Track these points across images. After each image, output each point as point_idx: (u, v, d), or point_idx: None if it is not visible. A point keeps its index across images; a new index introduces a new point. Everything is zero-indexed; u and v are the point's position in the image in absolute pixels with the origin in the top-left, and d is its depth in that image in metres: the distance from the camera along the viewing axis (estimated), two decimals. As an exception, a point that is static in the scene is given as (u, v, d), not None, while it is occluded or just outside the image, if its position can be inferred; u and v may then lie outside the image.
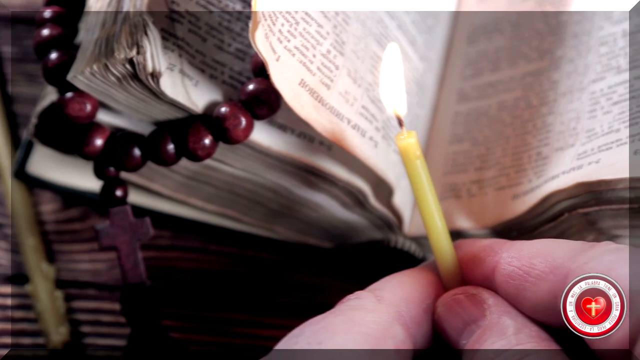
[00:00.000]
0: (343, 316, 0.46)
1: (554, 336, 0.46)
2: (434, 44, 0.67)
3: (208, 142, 0.55)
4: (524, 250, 0.47)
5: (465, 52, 0.68)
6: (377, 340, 0.45)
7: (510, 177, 0.60)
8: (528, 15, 0.67)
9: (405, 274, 0.50)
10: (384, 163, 0.57)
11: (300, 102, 0.52)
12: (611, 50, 0.60)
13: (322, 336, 0.45)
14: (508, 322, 0.46)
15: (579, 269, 0.44)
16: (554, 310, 0.45)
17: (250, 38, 0.49)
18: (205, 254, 0.66)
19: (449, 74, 0.68)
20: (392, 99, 0.51)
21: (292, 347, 0.45)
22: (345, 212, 0.62)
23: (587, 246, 0.45)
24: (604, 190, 0.53)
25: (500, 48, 0.67)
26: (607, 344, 0.42)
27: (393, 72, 0.51)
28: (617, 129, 0.55)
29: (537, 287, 0.45)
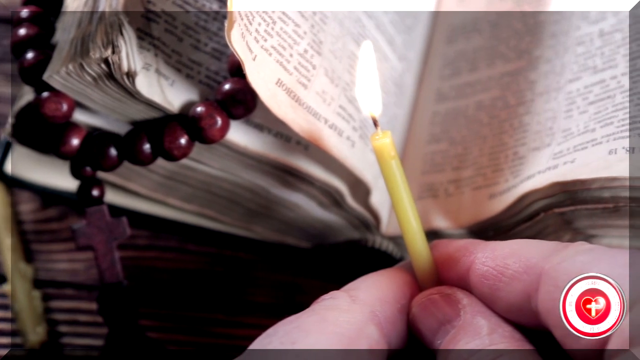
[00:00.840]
0: (317, 316, 0.46)
1: (528, 336, 0.45)
2: (413, 43, 0.67)
3: (184, 142, 0.55)
4: (498, 250, 0.47)
5: (444, 51, 0.68)
6: (351, 340, 0.45)
7: (487, 177, 0.60)
8: (506, 15, 0.66)
9: (381, 274, 0.50)
10: (361, 163, 0.57)
11: (277, 102, 0.52)
12: (588, 50, 0.59)
13: (296, 336, 0.44)
14: (482, 322, 0.45)
15: (552, 269, 0.43)
16: (528, 310, 0.44)
17: (227, 37, 0.49)
18: (183, 253, 0.65)
19: (427, 73, 0.68)
20: (367, 99, 0.51)
21: (265, 346, 0.45)
22: (323, 211, 0.61)
23: (560, 246, 0.45)
24: (580, 190, 0.53)
25: (479, 48, 0.66)
26: (579, 345, 0.42)
27: (367, 71, 0.51)
28: (592, 128, 0.55)
29: (510, 287, 0.45)
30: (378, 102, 0.51)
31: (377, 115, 0.50)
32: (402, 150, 0.64)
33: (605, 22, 0.60)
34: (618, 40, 0.58)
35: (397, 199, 0.49)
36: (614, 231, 0.55)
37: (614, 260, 0.42)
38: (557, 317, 0.43)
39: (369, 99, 0.51)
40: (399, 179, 0.49)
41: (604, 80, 0.57)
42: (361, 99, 0.51)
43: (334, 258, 0.64)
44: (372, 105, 0.50)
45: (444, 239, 0.52)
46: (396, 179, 0.49)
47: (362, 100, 0.51)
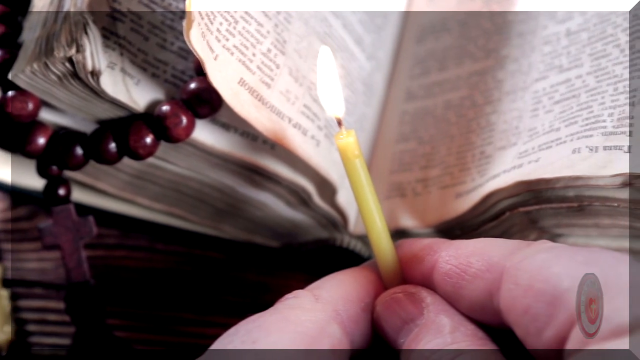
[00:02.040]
0: (278, 315, 0.45)
1: (493, 335, 0.45)
2: (382, 43, 0.67)
3: (149, 141, 0.54)
4: (461, 249, 0.46)
5: (414, 51, 0.68)
6: (312, 339, 0.44)
7: (454, 176, 0.59)
8: (475, 15, 0.66)
9: (345, 273, 0.49)
10: (327, 162, 0.57)
11: (239, 101, 0.52)
12: (554, 49, 0.59)
13: (256, 335, 0.44)
14: (445, 321, 0.45)
15: (513, 267, 0.43)
16: (490, 308, 0.44)
17: (185, 37, 0.48)
18: (152, 252, 0.65)
19: (397, 73, 0.67)
20: (329, 100, 0.50)
21: (226, 346, 0.44)
22: (291, 211, 0.61)
23: (523, 245, 0.44)
24: (544, 189, 0.53)
25: (448, 47, 0.66)
26: (539, 343, 0.42)
27: (327, 74, 0.50)
28: (557, 127, 0.54)
29: (473, 285, 0.45)
30: (341, 103, 0.50)
31: (341, 116, 0.49)
32: (371, 149, 0.64)
33: (572, 22, 0.59)
34: (584, 40, 0.58)
35: (362, 198, 0.49)
36: (579, 230, 0.55)
37: (574, 259, 0.42)
38: (518, 315, 0.42)
39: (331, 99, 0.50)
40: (363, 178, 0.48)
41: (570, 79, 0.56)
42: (324, 100, 0.51)
43: (303, 257, 0.63)
44: (334, 105, 0.50)
45: (409, 238, 0.51)
46: (360, 178, 0.48)
47: (325, 101, 0.50)
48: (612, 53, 0.55)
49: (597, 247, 0.43)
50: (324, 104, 0.50)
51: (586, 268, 0.41)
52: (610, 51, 0.55)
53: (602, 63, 0.55)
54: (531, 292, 0.42)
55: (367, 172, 0.48)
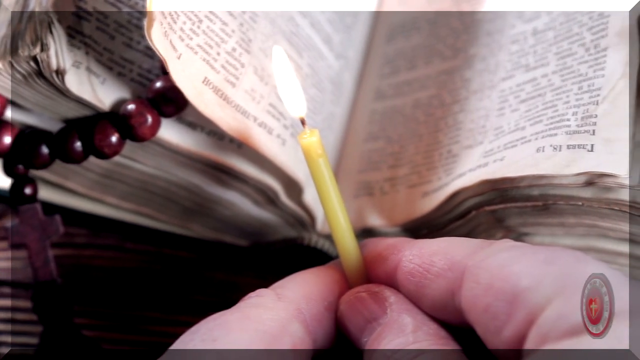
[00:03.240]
0: (240, 313, 0.45)
1: (455, 334, 0.45)
2: (352, 42, 0.66)
3: (115, 140, 0.53)
4: (425, 248, 0.46)
5: (384, 50, 0.67)
6: (273, 338, 0.44)
7: (421, 175, 0.59)
8: (445, 14, 0.65)
9: (309, 272, 0.49)
10: (293, 161, 0.56)
11: (203, 100, 0.51)
12: (521, 48, 0.58)
13: (217, 333, 0.43)
14: (407, 320, 0.45)
15: (474, 266, 0.43)
16: (452, 307, 0.44)
17: (147, 36, 0.47)
18: (121, 252, 0.64)
19: (367, 72, 0.66)
20: (290, 100, 0.50)
21: (187, 344, 0.44)
22: (258, 210, 0.60)
23: (485, 244, 0.44)
24: (509, 188, 0.52)
25: (418, 46, 0.65)
26: (498, 342, 0.41)
27: (285, 74, 0.50)
28: (522, 126, 0.54)
29: (435, 283, 0.44)
30: (302, 102, 0.49)
31: (304, 115, 0.49)
32: (340, 148, 0.63)
33: (539, 21, 0.59)
34: (550, 39, 0.57)
35: (325, 197, 0.48)
36: (544, 229, 0.54)
37: (535, 257, 0.41)
38: (478, 314, 0.42)
39: (292, 99, 0.49)
40: (326, 177, 0.48)
41: (536, 78, 0.56)
42: (285, 100, 0.50)
43: (272, 256, 0.62)
44: (296, 105, 0.49)
45: (374, 238, 0.51)
46: (324, 177, 0.48)
47: (286, 101, 0.50)
48: (577, 52, 0.55)
49: (558, 246, 0.42)
50: (286, 104, 0.50)
51: (546, 267, 0.40)
52: (576, 50, 0.55)
53: (567, 62, 0.55)
54: (491, 290, 0.41)
55: (330, 171, 0.48)
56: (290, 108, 0.49)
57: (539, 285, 0.40)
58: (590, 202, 0.51)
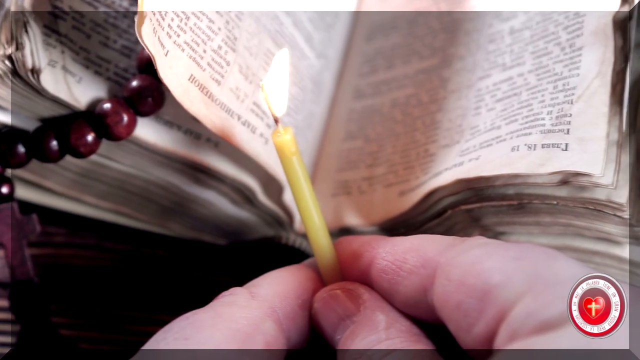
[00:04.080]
0: (212, 312, 0.45)
1: (429, 331, 0.44)
2: (333, 41, 0.65)
3: (91, 139, 0.53)
4: (398, 245, 0.46)
5: (363, 49, 0.66)
6: (246, 337, 0.43)
7: (398, 174, 0.58)
8: (424, 13, 0.65)
9: (284, 270, 0.49)
10: (275, 160, 0.55)
11: (189, 98, 0.50)
12: (498, 47, 0.58)
13: (189, 332, 0.43)
14: (380, 318, 0.44)
15: (446, 262, 0.43)
16: (425, 304, 0.44)
17: (137, 33, 0.47)
18: (100, 251, 0.63)
19: (347, 71, 0.66)
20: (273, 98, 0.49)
21: (159, 342, 0.43)
22: (236, 209, 0.60)
23: (458, 241, 0.44)
24: (484, 187, 0.52)
25: (396, 45, 0.65)
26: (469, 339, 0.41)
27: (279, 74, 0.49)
28: (498, 125, 0.53)
29: (408, 280, 0.44)
30: (282, 102, 0.49)
31: (280, 114, 0.48)
32: (319, 147, 0.63)
33: (516, 20, 0.58)
34: (527, 38, 0.57)
35: (299, 195, 0.48)
36: (520, 228, 0.54)
37: (506, 254, 0.41)
38: (450, 311, 0.42)
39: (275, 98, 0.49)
40: (300, 175, 0.47)
41: (512, 77, 0.55)
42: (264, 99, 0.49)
43: (250, 255, 0.62)
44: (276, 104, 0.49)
45: (349, 236, 0.50)
46: (297, 175, 0.47)
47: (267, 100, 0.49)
48: (553, 51, 0.54)
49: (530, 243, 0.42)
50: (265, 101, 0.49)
51: (517, 263, 0.40)
52: (552, 49, 0.54)
53: (543, 61, 0.54)
54: (463, 287, 0.41)
55: (304, 170, 0.48)
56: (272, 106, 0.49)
57: (510, 281, 0.40)
58: (565, 201, 0.50)
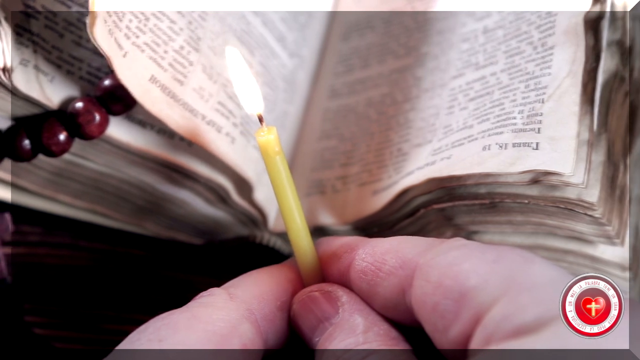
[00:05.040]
0: (189, 313, 0.44)
1: (408, 335, 0.44)
2: (307, 40, 0.64)
3: (63, 138, 0.52)
4: (378, 246, 0.45)
5: (339, 48, 0.66)
6: (222, 339, 0.43)
7: (372, 173, 0.57)
8: (399, 12, 0.64)
9: (263, 271, 0.48)
10: (242, 159, 0.55)
11: (150, 98, 0.50)
12: (472, 46, 0.57)
13: (164, 333, 0.42)
14: (358, 320, 0.44)
15: (425, 264, 0.42)
16: (403, 305, 0.43)
17: (90, 34, 0.46)
18: (75, 250, 0.62)
19: (323, 70, 0.65)
20: (247, 97, 0.48)
21: (134, 343, 0.43)
22: (210, 208, 0.59)
23: (437, 242, 0.43)
24: (456, 186, 0.51)
25: (372, 45, 0.64)
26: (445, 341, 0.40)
27: (240, 72, 0.48)
28: (470, 125, 0.53)
29: (387, 282, 0.44)
30: (259, 100, 0.48)
31: (261, 112, 0.47)
32: (294, 147, 0.62)
33: (490, 19, 0.57)
34: (500, 37, 0.56)
35: (282, 195, 0.47)
36: (493, 227, 0.53)
37: (483, 256, 0.40)
38: (427, 312, 0.41)
39: (249, 97, 0.48)
40: (283, 175, 0.47)
41: (485, 76, 0.55)
42: (242, 98, 0.48)
43: (225, 255, 0.61)
44: (253, 103, 0.48)
45: (329, 236, 0.50)
46: (281, 175, 0.47)
47: (243, 98, 0.48)
48: (525, 50, 0.54)
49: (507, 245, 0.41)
50: (242, 101, 0.48)
51: (494, 266, 0.39)
52: (524, 48, 0.54)
53: (515, 60, 0.54)
54: (440, 289, 0.40)
55: (287, 170, 0.47)
56: (248, 105, 0.48)
57: (486, 284, 0.39)
58: (537, 200, 0.50)
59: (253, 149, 0.56)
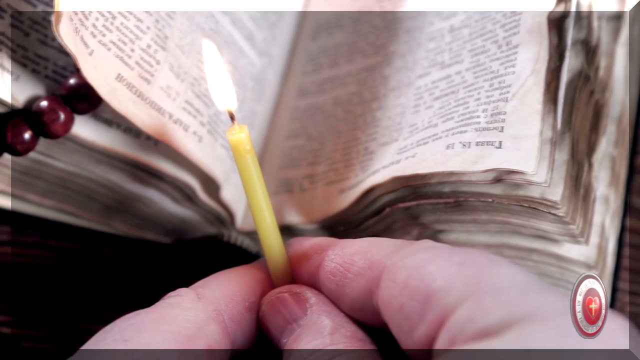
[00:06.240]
0: (155, 313, 0.43)
1: (377, 338, 0.43)
2: (277, 39, 0.64)
3: (28, 137, 0.51)
4: (347, 247, 0.45)
5: (308, 47, 0.65)
6: (187, 339, 0.42)
7: (338, 172, 0.56)
8: (368, 12, 0.63)
9: (232, 272, 0.47)
10: (209, 158, 0.54)
11: (117, 97, 0.49)
12: (438, 45, 0.56)
13: (129, 333, 0.42)
14: (326, 322, 0.43)
15: (393, 265, 0.41)
16: (371, 307, 0.42)
17: (54, 32, 0.45)
18: (44, 249, 0.61)
19: (292, 69, 0.64)
20: (220, 94, 0.47)
21: (99, 343, 0.42)
22: (177, 207, 0.58)
23: (406, 244, 0.43)
24: (420, 185, 0.50)
25: (340, 44, 0.63)
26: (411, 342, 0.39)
27: (215, 68, 0.47)
28: (435, 123, 0.52)
29: (355, 282, 0.43)
30: (233, 97, 0.47)
31: (234, 110, 0.46)
32: (263, 145, 0.61)
33: (456, 18, 0.57)
34: (465, 36, 0.55)
35: (252, 194, 0.46)
36: (459, 226, 0.53)
37: (450, 259, 0.40)
38: (393, 313, 0.40)
39: (222, 94, 0.47)
40: (254, 174, 0.46)
41: (450, 75, 0.54)
42: (214, 95, 0.47)
43: (194, 254, 0.60)
44: (226, 100, 0.47)
45: (300, 237, 0.49)
46: (251, 174, 0.46)
47: (216, 95, 0.47)
48: (490, 49, 0.53)
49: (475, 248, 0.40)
50: (215, 98, 0.47)
51: (460, 269, 0.39)
52: (489, 47, 0.53)
53: (480, 59, 0.53)
54: (406, 290, 0.40)
55: (258, 169, 0.46)
56: (221, 102, 0.47)
57: (452, 286, 0.38)
58: (500, 198, 0.49)
59: (221, 148, 0.55)
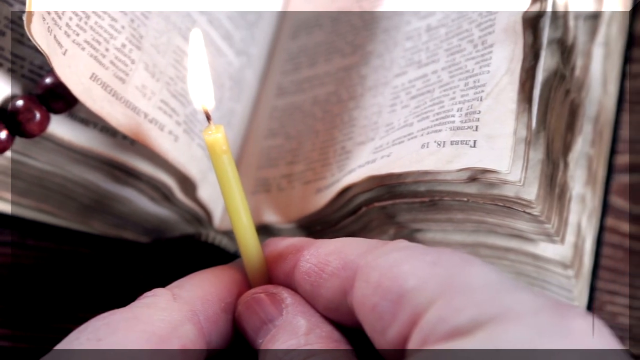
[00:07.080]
0: (130, 313, 0.43)
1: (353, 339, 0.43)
2: (256, 39, 0.63)
3: (3, 136, 0.51)
4: (322, 248, 0.44)
5: (287, 47, 0.64)
6: (161, 339, 0.42)
7: (316, 172, 0.56)
8: (347, 11, 0.62)
9: (208, 272, 0.47)
10: (185, 157, 0.53)
11: (91, 96, 0.48)
12: (415, 45, 0.56)
13: (103, 333, 0.42)
14: (301, 322, 0.43)
15: (366, 265, 0.41)
16: (345, 307, 0.42)
17: (27, 32, 0.44)
18: (22, 248, 0.61)
19: (271, 69, 0.63)
20: (198, 92, 0.46)
21: (73, 342, 0.42)
22: (155, 206, 0.57)
23: (380, 244, 0.43)
24: (396, 184, 0.50)
25: (319, 43, 0.63)
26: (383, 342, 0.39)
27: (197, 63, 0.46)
28: (410, 122, 0.51)
29: (330, 283, 0.43)
30: (210, 96, 0.46)
31: (210, 110, 0.46)
32: (241, 145, 0.61)
33: (433, 18, 0.56)
34: (442, 35, 0.55)
35: (228, 194, 0.46)
36: (435, 225, 0.52)
37: (423, 258, 0.40)
38: (366, 313, 0.40)
39: (200, 92, 0.46)
40: (230, 174, 0.46)
41: (426, 74, 0.54)
42: (192, 93, 0.47)
43: (172, 253, 0.59)
44: (204, 99, 0.46)
45: (277, 237, 0.49)
46: (227, 174, 0.45)
47: (194, 94, 0.47)
48: (466, 48, 0.52)
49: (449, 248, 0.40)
50: (193, 96, 0.47)
51: (433, 268, 0.39)
52: (465, 46, 0.53)
53: (456, 58, 0.53)
54: (379, 290, 0.40)
55: (234, 168, 0.46)
56: (198, 100, 0.47)
57: (424, 286, 0.38)
58: (475, 197, 0.48)
59: (197, 147, 0.54)
